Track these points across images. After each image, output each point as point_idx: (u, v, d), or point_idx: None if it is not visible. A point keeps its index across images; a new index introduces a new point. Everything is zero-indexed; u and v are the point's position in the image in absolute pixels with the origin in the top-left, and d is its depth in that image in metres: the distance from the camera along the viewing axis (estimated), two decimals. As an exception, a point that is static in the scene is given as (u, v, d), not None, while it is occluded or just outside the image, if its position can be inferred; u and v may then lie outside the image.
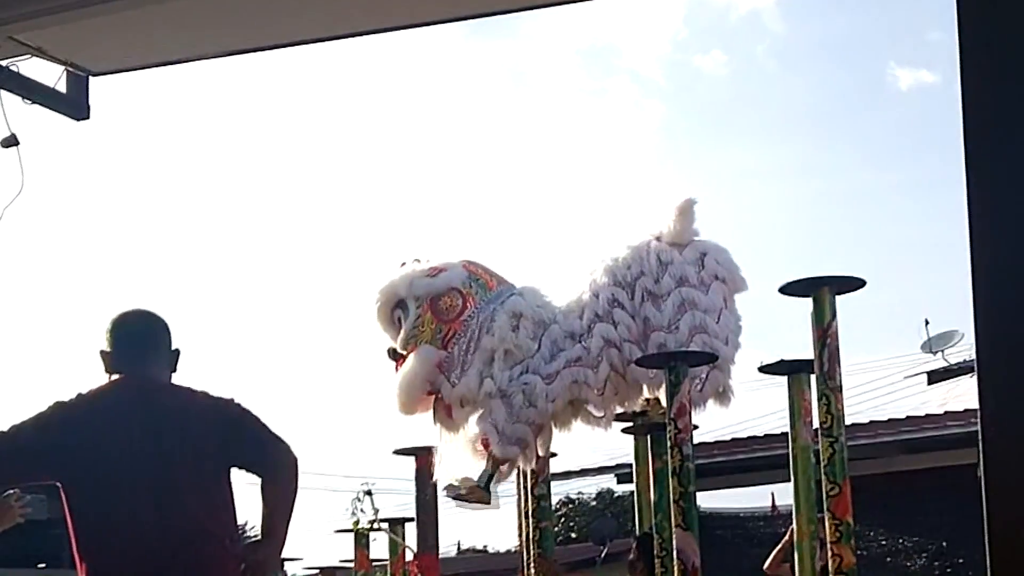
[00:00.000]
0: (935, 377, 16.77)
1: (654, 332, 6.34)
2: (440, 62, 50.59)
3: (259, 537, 4.51)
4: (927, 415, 14.81)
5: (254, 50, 5.00)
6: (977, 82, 1.96)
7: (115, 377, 4.57)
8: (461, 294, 6.75)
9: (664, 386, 5.71)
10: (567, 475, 18.22)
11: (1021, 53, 1.95)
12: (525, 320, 6.63)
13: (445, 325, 6.71)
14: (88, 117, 5.22)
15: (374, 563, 8.16)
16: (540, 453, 6.59)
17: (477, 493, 6.47)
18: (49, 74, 5.07)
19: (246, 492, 4.62)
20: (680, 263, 6.41)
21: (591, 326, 6.47)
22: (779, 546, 7.76)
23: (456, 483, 6.55)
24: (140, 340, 4.65)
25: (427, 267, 6.85)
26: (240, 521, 4.79)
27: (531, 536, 6.45)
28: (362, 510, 7.63)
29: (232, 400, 4.58)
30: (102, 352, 4.61)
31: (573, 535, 31.67)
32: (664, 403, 6.29)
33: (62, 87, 5.13)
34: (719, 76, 52.02)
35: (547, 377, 6.45)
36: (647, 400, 6.56)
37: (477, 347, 6.60)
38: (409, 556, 7.41)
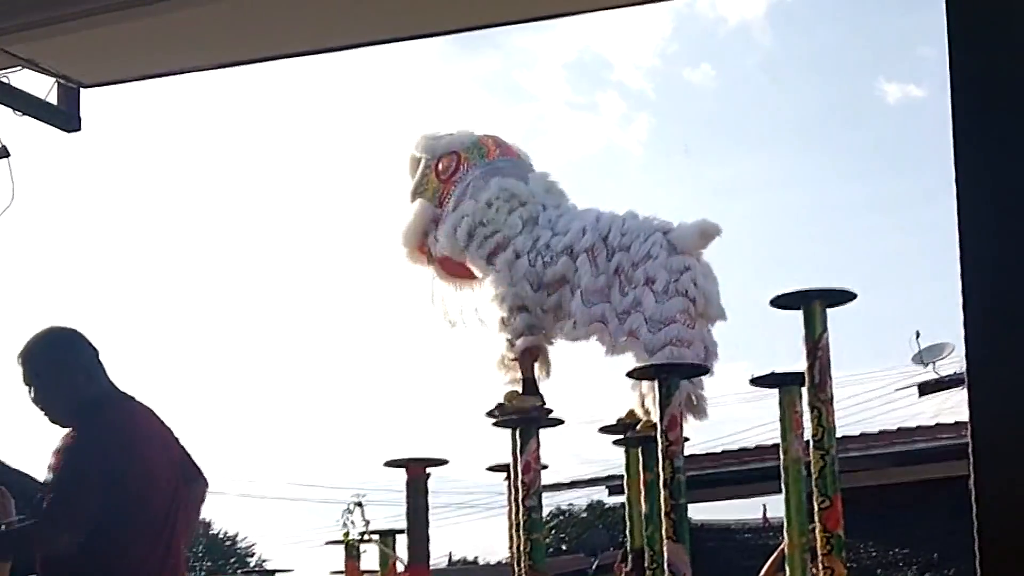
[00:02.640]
0: (926, 389, 16.77)
1: (596, 306, 6.51)
2: (426, 76, 50.63)
3: None
4: (918, 427, 14.83)
5: (245, 62, 5.00)
6: (967, 96, 1.97)
7: (123, 395, 4.53)
8: (458, 156, 7.18)
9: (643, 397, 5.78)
10: (558, 487, 18.23)
11: (1011, 68, 1.95)
12: (515, 199, 6.91)
13: (441, 185, 7.18)
14: (79, 129, 5.22)
15: (365, 574, 8.14)
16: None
17: (527, 401, 6.77)
18: (40, 86, 5.07)
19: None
20: (659, 265, 6.40)
21: (559, 255, 6.67)
22: (772, 559, 7.75)
23: (505, 403, 6.84)
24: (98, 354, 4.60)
25: (444, 131, 7.36)
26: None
27: (522, 548, 6.43)
28: (352, 521, 7.61)
29: None
30: (78, 366, 4.45)
31: (564, 547, 31.66)
32: (639, 413, 6.35)
33: (53, 99, 5.13)
34: (708, 89, 52.15)
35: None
36: (630, 411, 6.57)
37: (458, 207, 6.99)
38: (400, 568, 7.38)
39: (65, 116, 5.18)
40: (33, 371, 4.46)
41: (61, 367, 4.44)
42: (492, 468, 7.84)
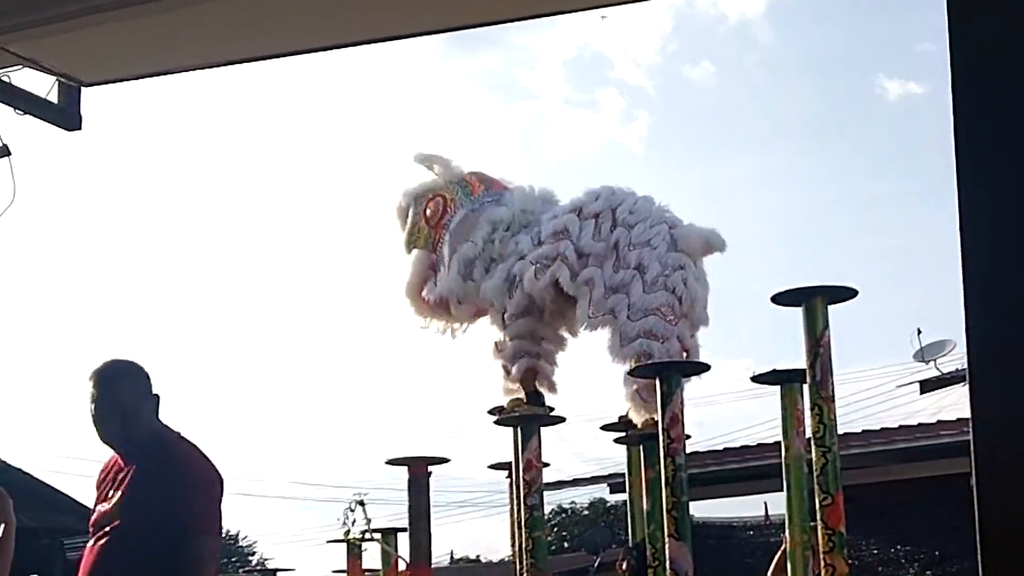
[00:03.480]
0: (927, 386, 16.76)
1: (590, 267, 6.56)
2: (426, 74, 50.63)
3: None
4: (920, 424, 14.81)
5: (245, 61, 5.00)
6: (969, 92, 1.96)
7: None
8: (444, 199, 7.18)
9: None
10: (560, 485, 18.21)
11: (1013, 64, 1.95)
12: (501, 226, 6.92)
13: (432, 231, 7.18)
14: (80, 128, 5.21)
15: (367, 573, 8.14)
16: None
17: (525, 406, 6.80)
18: (41, 85, 5.06)
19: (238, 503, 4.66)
20: (655, 257, 6.40)
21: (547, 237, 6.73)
22: (776, 557, 7.74)
23: (506, 407, 6.89)
24: None
25: (428, 177, 7.35)
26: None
27: (524, 546, 6.44)
28: (354, 520, 7.62)
29: None
30: (156, 397, 4.61)
31: (566, 544, 31.65)
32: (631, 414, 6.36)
33: (54, 98, 5.12)
34: (708, 87, 52.10)
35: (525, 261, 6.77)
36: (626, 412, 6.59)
37: (457, 252, 6.98)
38: (402, 566, 7.39)
39: (66, 115, 5.18)
40: (116, 390, 4.57)
41: (142, 397, 4.60)
42: (494, 466, 7.85)
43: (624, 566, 6.99)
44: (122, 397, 4.56)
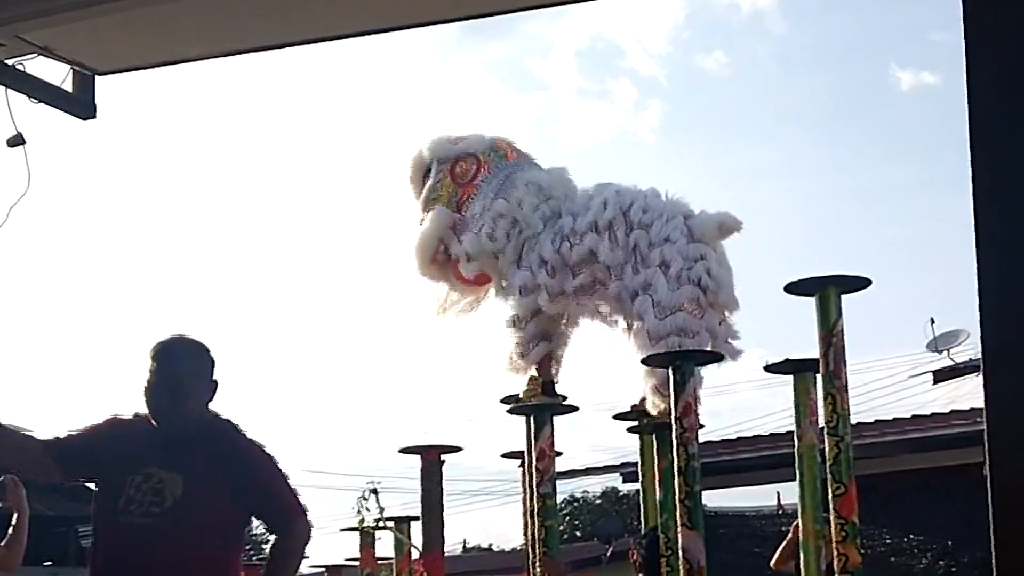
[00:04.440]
0: (941, 376, 16.74)
1: (613, 283, 6.52)
2: (438, 64, 50.65)
3: None
4: (933, 414, 14.80)
5: (259, 49, 5.00)
6: (983, 82, 1.96)
7: None
8: (477, 160, 7.07)
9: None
10: (572, 474, 18.23)
11: (1027, 53, 1.95)
12: (542, 193, 6.86)
13: (460, 189, 7.04)
14: (95, 116, 5.21)
15: (380, 561, 8.16)
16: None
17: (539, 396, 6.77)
18: (56, 73, 5.06)
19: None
20: (676, 251, 6.38)
21: (584, 234, 6.66)
22: (784, 542, 7.74)
23: (521, 396, 6.85)
24: None
25: (455, 136, 7.23)
26: None
27: (536, 535, 6.44)
28: (367, 509, 7.64)
29: None
30: (212, 381, 4.53)
31: (578, 534, 31.71)
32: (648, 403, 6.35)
33: (68, 86, 5.12)
34: (721, 77, 52.01)
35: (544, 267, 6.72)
36: (643, 399, 6.57)
37: (490, 208, 6.87)
38: (415, 554, 7.40)
39: (80, 103, 5.18)
40: (183, 365, 4.46)
41: (205, 375, 4.51)
42: (507, 455, 7.85)
43: (634, 555, 6.99)
44: (201, 374, 4.47)
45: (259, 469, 4.45)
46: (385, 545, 7.98)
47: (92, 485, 4.73)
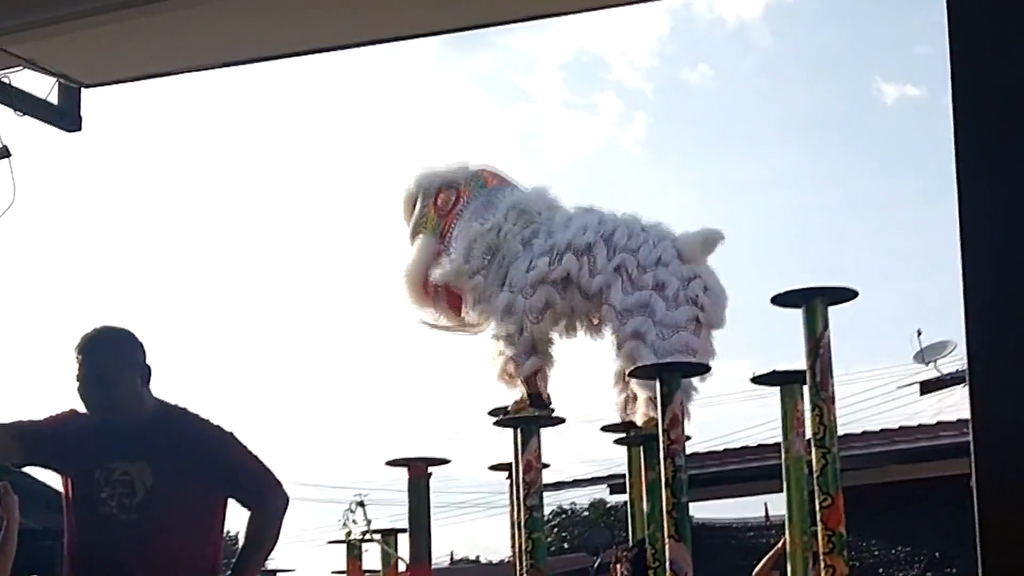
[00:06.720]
0: (928, 387, 16.77)
1: (605, 306, 6.53)
2: (422, 77, 50.61)
3: None
4: (920, 425, 14.82)
5: (244, 62, 5.00)
6: (968, 93, 1.96)
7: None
8: (457, 190, 7.18)
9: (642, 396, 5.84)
10: (560, 486, 18.22)
11: (1013, 65, 1.95)
12: (523, 216, 6.92)
13: (442, 220, 7.16)
14: (80, 129, 5.21)
15: (367, 574, 8.14)
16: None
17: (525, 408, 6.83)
18: (41, 86, 5.06)
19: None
20: (671, 273, 6.42)
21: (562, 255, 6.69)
22: (770, 554, 7.74)
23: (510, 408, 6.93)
24: None
25: (442, 166, 7.37)
26: None
27: (524, 547, 6.43)
28: (354, 521, 7.62)
29: None
30: (144, 367, 4.46)
31: (566, 545, 31.65)
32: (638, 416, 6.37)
33: (54, 99, 5.12)
34: (706, 90, 52.06)
35: (522, 291, 6.74)
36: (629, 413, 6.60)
37: (467, 233, 6.98)
38: (402, 567, 7.38)
39: (66, 116, 5.17)
40: (106, 353, 4.39)
41: (134, 361, 4.42)
42: (494, 467, 7.84)
43: (618, 568, 6.98)
44: (129, 361, 4.39)
45: (223, 449, 4.41)
46: (372, 558, 7.96)
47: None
